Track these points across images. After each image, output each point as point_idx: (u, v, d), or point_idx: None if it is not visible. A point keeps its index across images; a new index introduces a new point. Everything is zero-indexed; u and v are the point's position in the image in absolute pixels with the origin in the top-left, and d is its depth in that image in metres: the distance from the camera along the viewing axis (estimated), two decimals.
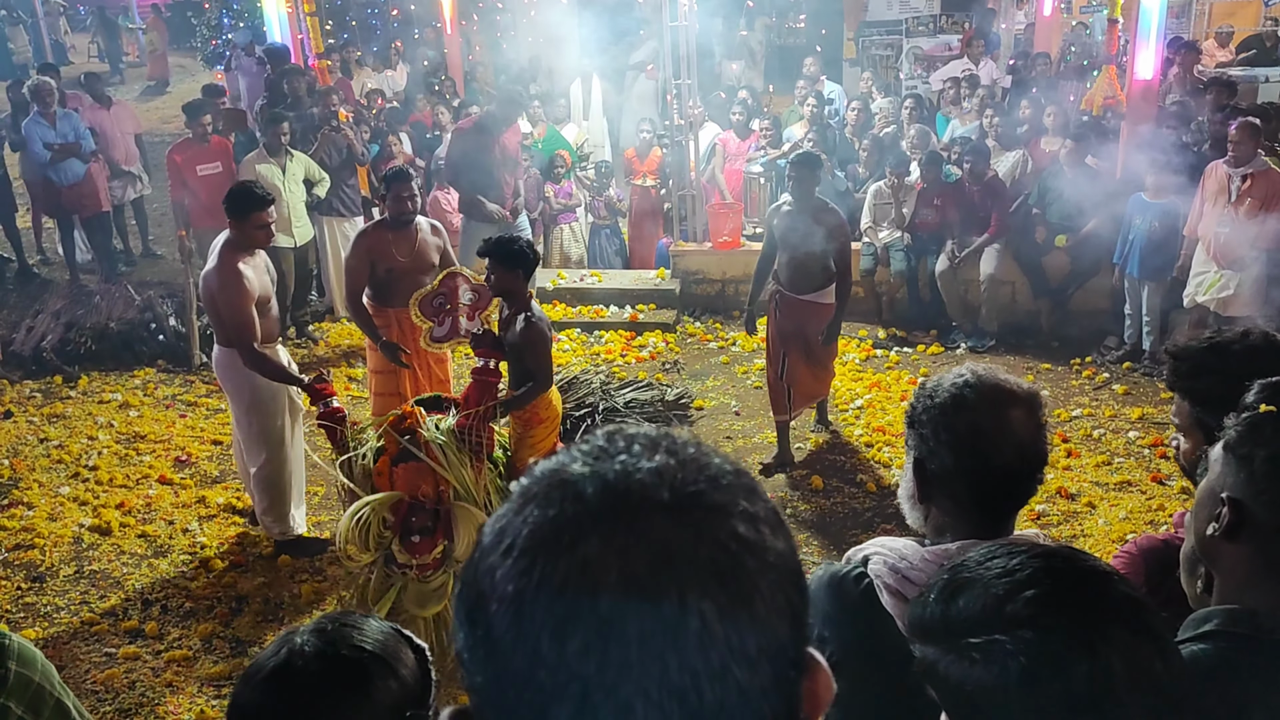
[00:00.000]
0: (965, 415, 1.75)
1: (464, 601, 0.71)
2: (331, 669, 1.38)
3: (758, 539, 0.69)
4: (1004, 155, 8.53)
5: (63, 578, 5.33)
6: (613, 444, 0.73)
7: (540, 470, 0.74)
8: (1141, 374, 7.41)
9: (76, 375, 7.79)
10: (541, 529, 0.68)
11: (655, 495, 0.68)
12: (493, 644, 0.67)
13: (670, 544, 0.66)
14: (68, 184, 9.28)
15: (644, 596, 0.64)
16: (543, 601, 0.65)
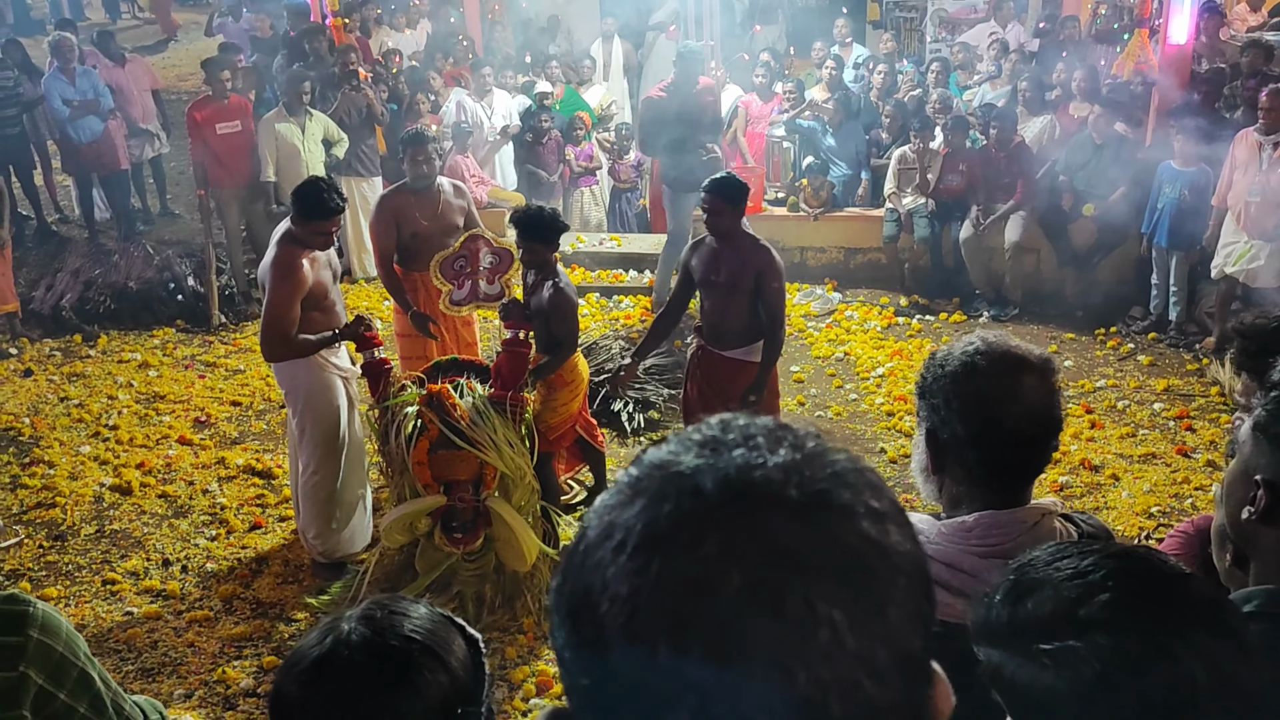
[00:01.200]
0: (976, 382, 1.71)
1: (566, 598, 0.67)
2: (378, 661, 1.30)
3: (886, 540, 0.65)
4: (1031, 121, 8.39)
5: (84, 536, 5.35)
6: (728, 435, 0.69)
7: (649, 460, 0.69)
8: (1167, 345, 7.32)
9: (96, 334, 7.80)
10: (657, 525, 0.64)
11: (779, 493, 0.64)
12: (602, 645, 0.63)
13: (796, 546, 0.62)
14: (86, 141, 9.24)
15: (769, 602, 0.60)
16: (659, 603, 0.61)
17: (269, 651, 4.49)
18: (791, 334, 7.77)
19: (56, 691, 1.64)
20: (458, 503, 4.39)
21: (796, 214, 8.67)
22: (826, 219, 8.71)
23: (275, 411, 6.62)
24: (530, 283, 4.89)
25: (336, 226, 4.61)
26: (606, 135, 9.53)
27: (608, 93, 10.60)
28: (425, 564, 4.56)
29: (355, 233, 8.64)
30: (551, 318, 4.74)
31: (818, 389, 6.92)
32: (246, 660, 4.45)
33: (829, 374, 7.11)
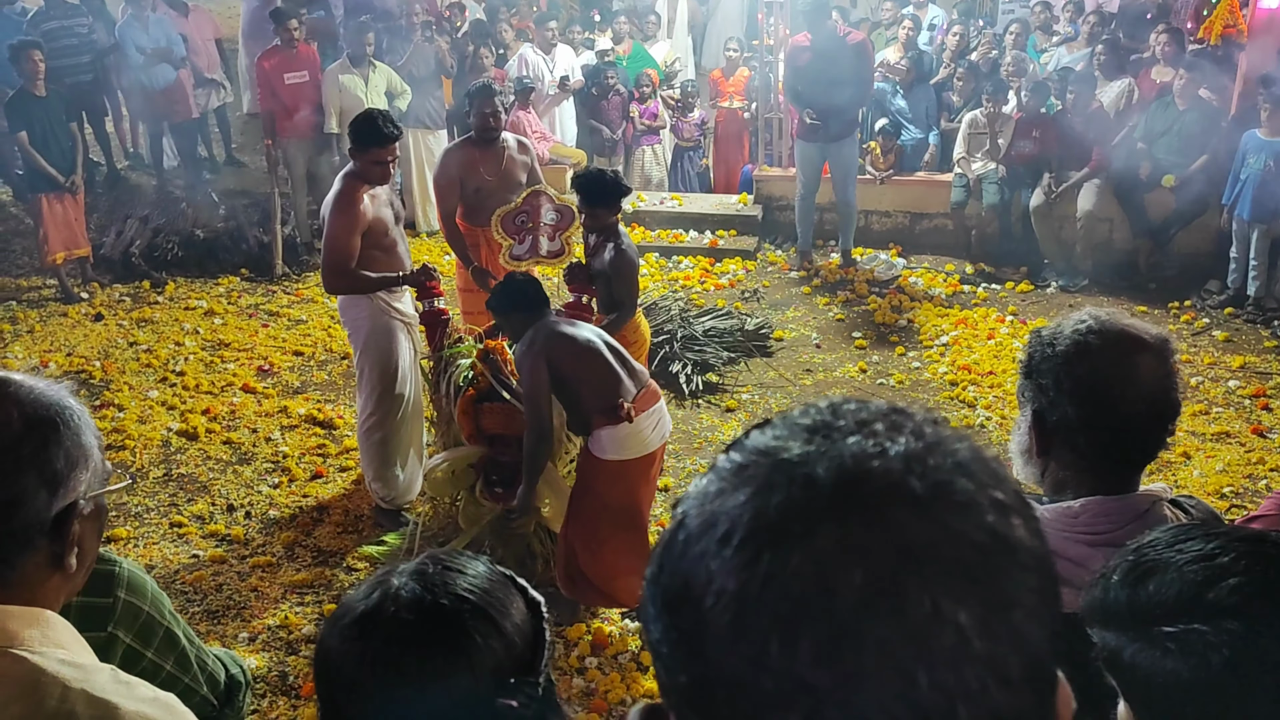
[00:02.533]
0: (1089, 363, 1.63)
1: (663, 589, 0.64)
2: (427, 621, 1.21)
3: (1012, 535, 0.60)
4: (1109, 85, 8.12)
5: (152, 479, 5.46)
6: (840, 420, 0.65)
7: (754, 446, 0.65)
8: (1244, 321, 7.10)
9: (164, 281, 7.92)
10: (766, 516, 0.60)
11: (900, 485, 0.60)
12: (705, 642, 0.60)
13: (919, 542, 0.58)
14: (160, 89, 9.34)
15: (891, 602, 0.56)
16: (771, 600, 0.58)
17: (329, 599, 4.56)
18: (854, 299, 7.67)
19: (144, 650, 1.66)
20: (500, 457, 4.39)
21: (862, 176, 8.51)
22: (893, 182, 8.55)
23: (336, 362, 6.68)
24: (592, 244, 4.86)
25: (393, 156, 4.60)
26: (670, 93, 9.42)
27: (672, 49, 10.47)
28: (467, 519, 4.58)
29: (420, 185, 8.66)
30: (613, 279, 4.72)
31: (880, 355, 6.83)
32: (308, 607, 4.52)
33: (891, 340, 7.01)
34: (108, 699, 1.26)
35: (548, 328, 4.02)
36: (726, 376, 6.51)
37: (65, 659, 1.27)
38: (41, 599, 1.30)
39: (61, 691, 1.24)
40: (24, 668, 1.24)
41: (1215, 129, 7.41)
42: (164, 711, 1.31)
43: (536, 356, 3.93)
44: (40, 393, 1.30)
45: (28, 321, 7.34)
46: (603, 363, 3.98)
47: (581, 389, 3.98)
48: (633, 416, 3.92)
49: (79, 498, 1.29)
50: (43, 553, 1.28)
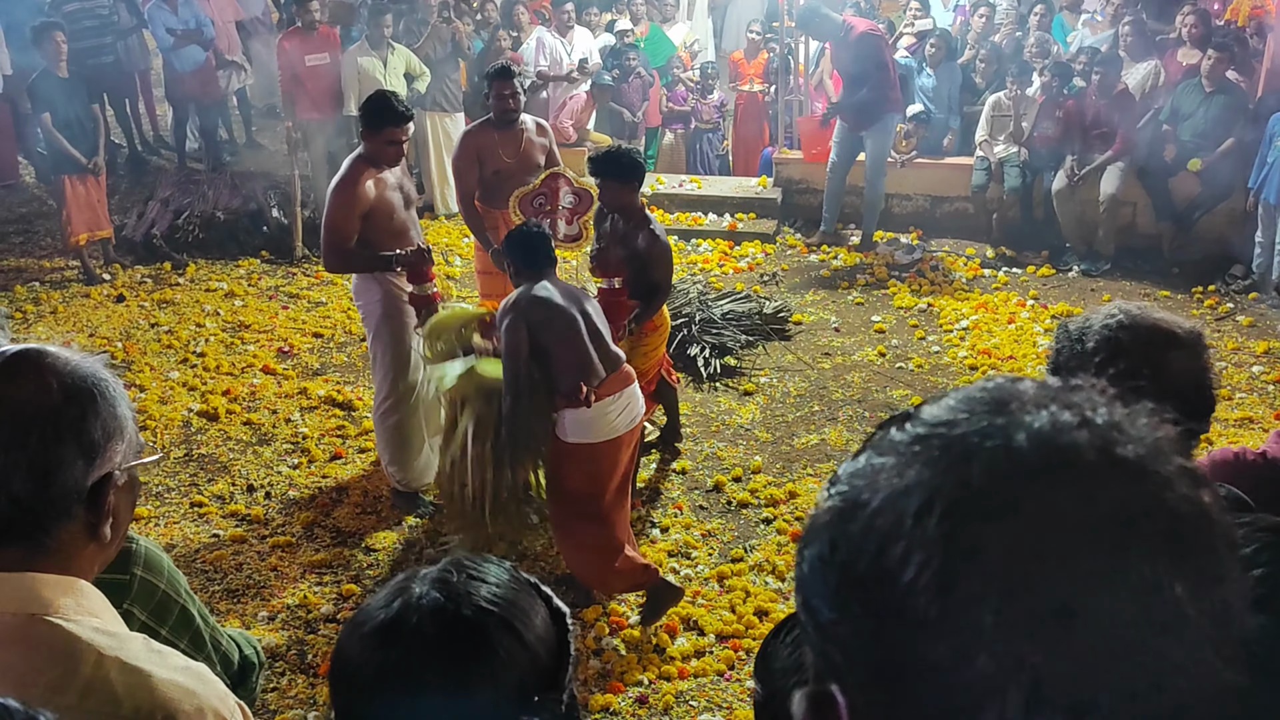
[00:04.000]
0: (1120, 362, 1.59)
1: (842, 567, 0.61)
2: (449, 633, 1.16)
3: (1210, 508, 0.59)
4: (1135, 67, 8.01)
5: (173, 459, 5.50)
6: (1023, 394, 0.63)
7: (933, 418, 0.63)
8: (1269, 306, 7.03)
9: (185, 262, 7.96)
10: (969, 487, 0.58)
11: (1109, 453, 0.58)
12: (903, 619, 0.57)
13: (1131, 511, 0.56)
14: (189, 71, 9.36)
15: (1110, 572, 0.54)
16: (981, 573, 0.55)
17: (348, 579, 4.59)
18: (873, 282, 7.64)
19: (158, 628, 1.67)
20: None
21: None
22: (914, 166, 8.49)
23: (356, 344, 6.71)
24: (614, 225, 4.82)
25: (406, 135, 4.62)
26: (690, 75, 9.37)
27: (691, 30, 10.41)
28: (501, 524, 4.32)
29: (439, 168, 8.66)
30: (650, 265, 4.72)
31: (899, 339, 6.79)
32: (326, 586, 4.56)
33: (911, 324, 6.97)
34: (141, 667, 1.28)
35: (534, 292, 3.91)
36: (745, 360, 6.49)
37: (99, 627, 1.30)
38: (76, 568, 1.32)
39: (96, 659, 1.26)
40: (59, 635, 1.26)
41: (1242, 111, 7.31)
42: (196, 680, 1.33)
43: (517, 318, 3.84)
44: (77, 364, 1.32)
45: (50, 302, 7.40)
46: (578, 343, 3.90)
47: (553, 365, 3.88)
48: (590, 402, 3.84)
49: (115, 468, 1.31)
50: (79, 522, 1.29)
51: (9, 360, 1.30)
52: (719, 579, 4.58)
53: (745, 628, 4.26)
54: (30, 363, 1.30)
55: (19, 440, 1.24)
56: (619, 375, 4.02)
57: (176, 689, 1.29)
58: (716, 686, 4.03)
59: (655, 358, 4.99)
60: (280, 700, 3.94)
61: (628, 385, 4.04)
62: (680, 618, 4.34)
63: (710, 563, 4.70)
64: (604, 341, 4.03)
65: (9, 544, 1.27)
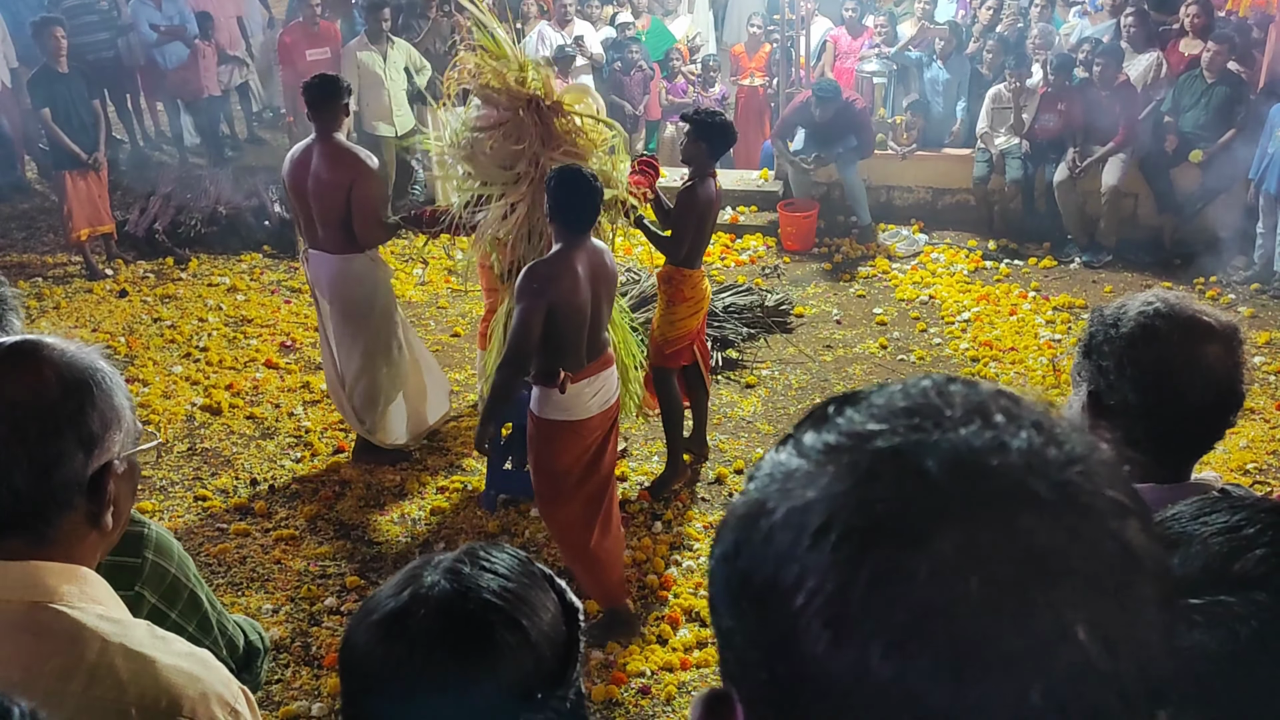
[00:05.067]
0: (1155, 349, 1.59)
1: (741, 576, 0.59)
2: (454, 627, 1.15)
3: (1134, 542, 0.55)
4: (1136, 58, 8.00)
5: (176, 454, 5.52)
6: (948, 403, 0.59)
7: (847, 426, 0.59)
8: (1270, 297, 7.03)
9: (187, 257, 7.97)
10: (872, 512, 0.54)
11: (1024, 485, 0.54)
12: (795, 642, 0.55)
13: (1044, 549, 0.53)
14: (173, 67, 9.36)
15: (1014, 613, 0.51)
16: (878, 605, 0.52)
17: (351, 571, 4.61)
18: (875, 275, 7.64)
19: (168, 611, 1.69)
20: None
21: (884, 152, 8.44)
22: (915, 158, 8.48)
23: None
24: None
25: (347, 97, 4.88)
26: (691, 68, 9.37)
27: (693, 24, 10.40)
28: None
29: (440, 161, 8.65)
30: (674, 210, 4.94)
31: (901, 332, 6.80)
32: (330, 579, 4.57)
33: (913, 316, 6.98)
34: (145, 653, 1.29)
35: (565, 268, 3.72)
36: (746, 353, 6.50)
37: (103, 614, 1.31)
38: (79, 556, 1.33)
39: (101, 645, 1.27)
40: (64, 622, 1.28)
41: (1243, 102, 7.30)
42: (199, 666, 1.34)
43: (540, 292, 3.66)
44: (74, 356, 1.33)
45: (53, 298, 7.42)
46: (576, 333, 3.80)
47: (544, 343, 3.77)
48: (565, 388, 3.79)
49: (114, 458, 1.32)
50: (80, 511, 1.31)
51: (5, 353, 1.31)
52: None
53: None
54: (27, 355, 1.31)
55: (18, 434, 1.25)
56: (600, 360, 3.97)
57: (180, 674, 1.30)
58: (719, 677, 4.03)
59: (684, 329, 4.95)
60: (285, 692, 3.96)
61: (605, 369, 3.99)
62: (683, 609, 4.35)
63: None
64: (602, 324, 3.98)
65: (12, 534, 1.29)
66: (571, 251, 3.77)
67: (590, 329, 3.88)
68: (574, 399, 3.87)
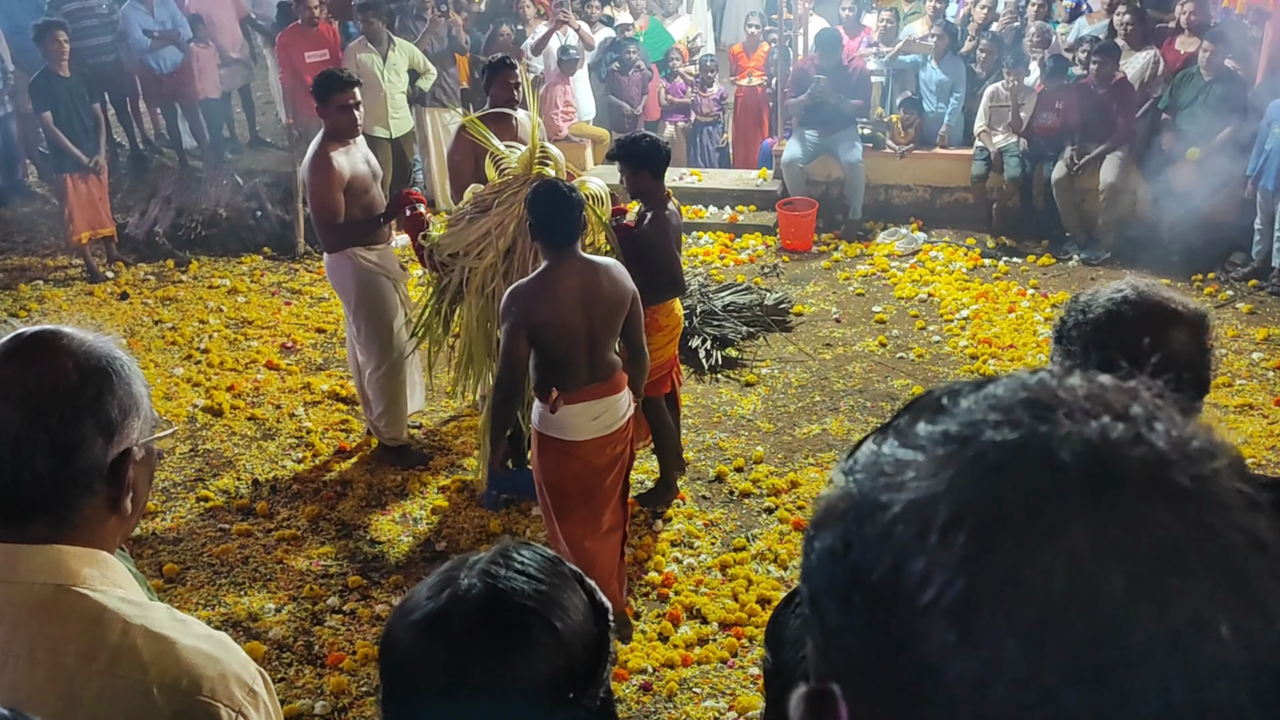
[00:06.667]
0: (1120, 333, 1.62)
1: (854, 571, 0.57)
2: (490, 628, 1.19)
3: (1265, 538, 0.54)
4: (1134, 56, 8.02)
5: (178, 455, 5.54)
6: (1072, 395, 0.57)
7: (967, 416, 0.57)
8: (1269, 293, 7.04)
9: (187, 260, 7.99)
10: (1004, 504, 0.53)
11: (1165, 479, 0.53)
12: (916, 639, 0.53)
13: (1182, 543, 0.52)
14: (167, 72, 9.38)
15: (1154, 609, 0.50)
16: (1010, 601, 0.51)
17: (353, 571, 4.62)
18: (874, 273, 7.66)
19: None
20: None
21: (882, 151, 8.46)
22: (913, 157, 8.50)
23: None
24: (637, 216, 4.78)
25: (354, 100, 4.85)
26: (689, 69, 9.39)
27: (693, 24, 10.42)
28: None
29: (439, 163, 8.66)
30: (645, 252, 4.55)
31: (900, 330, 6.82)
32: (333, 579, 4.59)
33: (912, 315, 7.00)
34: (165, 634, 1.33)
35: (543, 289, 3.67)
36: (746, 351, 6.52)
37: (125, 597, 1.35)
38: (100, 541, 1.37)
39: (123, 627, 1.31)
40: (87, 604, 1.31)
41: (1240, 99, 7.32)
42: (219, 648, 1.37)
43: (520, 319, 3.63)
44: (92, 344, 1.36)
45: (54, 301, 7.44)
46: (567, 352, 3.74)
47: (540, 359, 3.77)
48: (556, 408, 3.74)
49: (132, 444, 1.35)
50: (100, 497, 1.34)
51: (26, 342, 1.35)
52: (721, 568, 4.61)
53: (748, 615, 4.29)
54: (47, 344, 1.34)
55: (40, 421, 1.29)
56: (603, 385, 3.83)
57: (200, 655, 1.33)
58: (720, 673, 4.06)
59: (663, 357, 4.81)
60: (288, 690, 3.97)
61: (610, 395, 3.85)
62: (684, 606, 4.37)
63: (713, 552, 4.74)
64: (601, 348, 3.83)
65: (35, 519, 1.32)
66: (556, 270, 3.71)
67: (590, 348, 3.77)
68: (569, 419, 3.80)
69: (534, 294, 3.67)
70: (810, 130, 8.23)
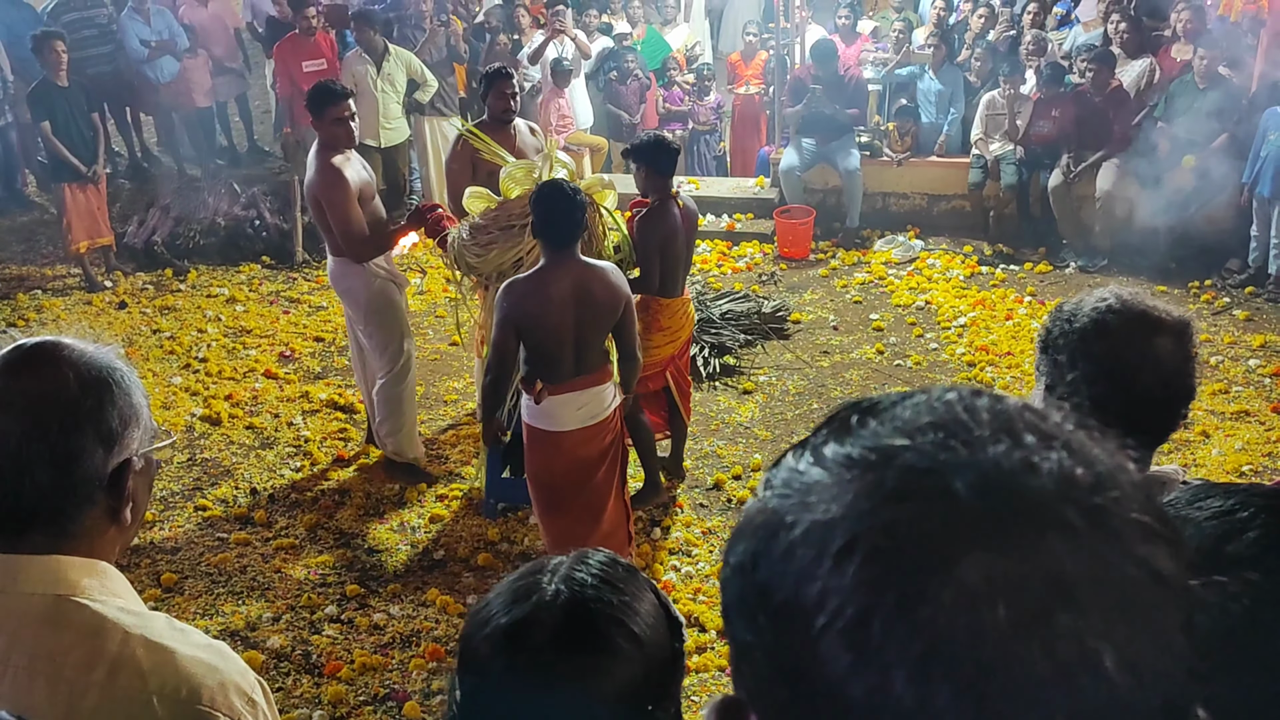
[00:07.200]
0: (1106, 342, 1.63)
1: (759, 590, 0.57)
2: (575, 638, 1.18)
3: (1162, 568, 0.54)
4: (1130, 64, 8.04)
5: (176, 464, 5.54)
6: (976, 419, 0.57)
7: (870, 438, 0.58)
8: (1265, 299, 7.06)
9: (186, 269, 8.00)
10: (896, 531, 0.53)
11: (1054, 510, 0.53)
12: (814, 661, 0.54)
13: (1072, 576, 0.52)
14: (165, 81, 9.40)
15: (1038, 641, 0.51)
16: (902, 631, 0.52)
17: (351, 580, 4.62)
18: (872, 281, 7.67)
19: None
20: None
21: (879, 159, 8.49)
22: (910, 165, 8.52)
23: None
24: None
25: (349, 111, 4.83)
26: (687, 77, 9.41)
27: (692, 34, 10.44)
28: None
29: (438, 172, 8.68)
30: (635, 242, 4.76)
31: (897, 337, 6.83)
32: (331, 588, 4.59)
33: (909, 322, 7.01)
34: (165, 644, 1.33)
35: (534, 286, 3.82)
36: (744, 359, 6.53)
37: (124, 607, 1.35)
38: (99, 551, 1.38)
39: (122, 637, 1.31)
40: (86, 614, 1.32)
41: (1236, 107, 7.34)
42: (218, 657, 1.38)
43: (509, 315, 3.80)
44: (92, 355, 1.37)
45: (53, 310, 7.44)
46: (556, 347, 3.88)
47: (529, 351, 3.93)
48: (541, 399, 3.90)
49: (132, 454, 1.36)
50: (100, 507, 1.35)
51: (27, 353, 1.36)
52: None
53: None
54: (47, 355, 1.35)
55: (40, 431, 1.30)
56: (586, 379, 3.97)
57: (200, 664, 1.34)
58: (719, 682, 4.06)
59: (658, 356, 4.87)
60: (286, 700, 3.97)
61: (594, 386, 3.99)
62: (682, 614, 4.36)
63: (711, 560, 4.74)
64: (590, 345, 3.96)
65: (35, 529, 1.33)
66: (551, 270, 3.85)
67: (577, 346, 3.91)
68: (554, 410, 3.95)
69: (526, 292, 3.83)
70: (808, 139, 8.26)
